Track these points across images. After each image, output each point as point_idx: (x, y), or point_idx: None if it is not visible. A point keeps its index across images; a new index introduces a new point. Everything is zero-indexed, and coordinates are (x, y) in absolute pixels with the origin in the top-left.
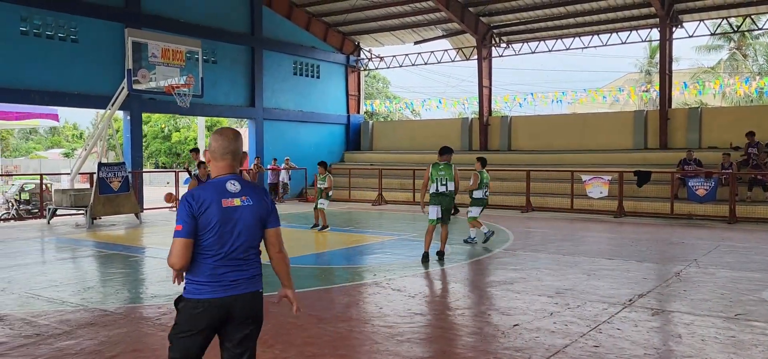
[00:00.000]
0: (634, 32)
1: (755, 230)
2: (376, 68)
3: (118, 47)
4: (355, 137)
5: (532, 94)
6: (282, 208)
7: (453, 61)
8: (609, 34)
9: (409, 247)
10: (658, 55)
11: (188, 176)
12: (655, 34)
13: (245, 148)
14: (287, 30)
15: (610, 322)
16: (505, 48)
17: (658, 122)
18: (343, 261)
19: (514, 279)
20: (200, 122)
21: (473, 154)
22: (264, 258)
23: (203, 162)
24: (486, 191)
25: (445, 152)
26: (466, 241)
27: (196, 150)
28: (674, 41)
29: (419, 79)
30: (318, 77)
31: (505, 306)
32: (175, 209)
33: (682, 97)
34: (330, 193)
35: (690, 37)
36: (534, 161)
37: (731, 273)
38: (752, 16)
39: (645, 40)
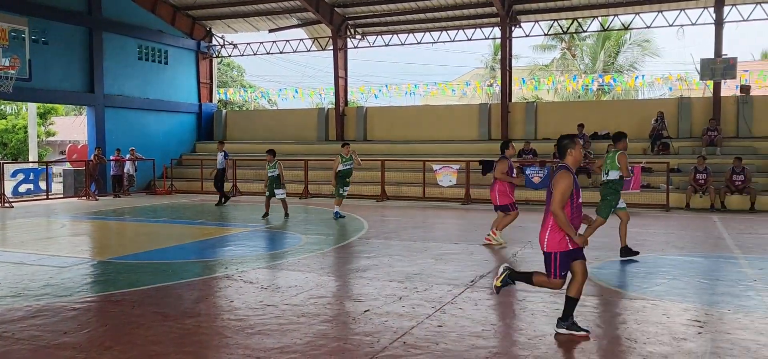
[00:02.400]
0: (478, 30)
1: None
2: (230, 56)
3: None
4: (207, 127)
5: (386, 85)
6: (128, 202)
7: (309, 50)
8: (456, 31)
9: (264, 239)
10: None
11: None
12: (498, 32)
13: (84, 137)
14: (130, 11)
15: (453, 303)
16: (360, 39)
17: (500, 114)
18: (193, 255)
19: (368, 266)
20: (31, 108)
21: (330, 145)
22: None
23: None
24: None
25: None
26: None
27: None
28: (514, 40)
29: (276, 68)
30: (166, 63)
31: (357, 293)
32: None
33: (520, 92)
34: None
35: (527, 36)
36: (389, 151)
37: None
38: (579, 20)
39: (488, 38)
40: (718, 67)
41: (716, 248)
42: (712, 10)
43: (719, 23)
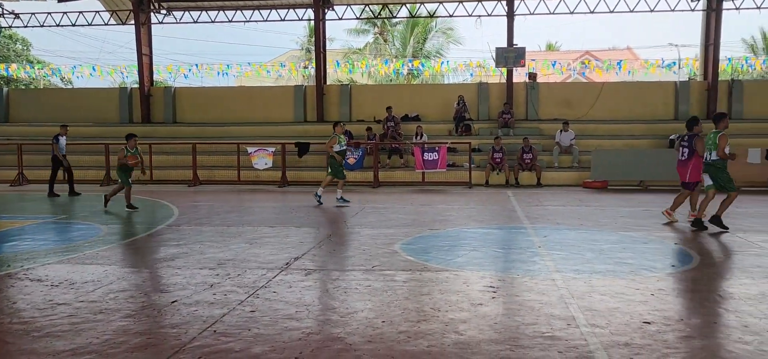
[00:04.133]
0: (292, 10)
1: (393, 193)
2: (11, 27)
3: None
4: None
5: (197, 65)
6: None
7: (107, 24)
8: (269, 10)
9: (56, 231)
10: None
11: None
12: (311, 14)
13: None
14: None
15: (267, 287)
16: (166, 14)
17: (315, 96)
18: None
19: (176, 254)
20: None
21: (134, 127)
22: None
23: None
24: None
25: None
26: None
27: None
28: (328, 23)
29: (69, 43)
30: None
31: (165, 284)
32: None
33: (336, 74)
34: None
35: (340, 19)
36: (200, 134)
37: (372, 230)
38: (389, 6)
39: (302, 19)
40: (510, 56)
41: (509, 220)
42: (504, 3)
43: (510, 15)
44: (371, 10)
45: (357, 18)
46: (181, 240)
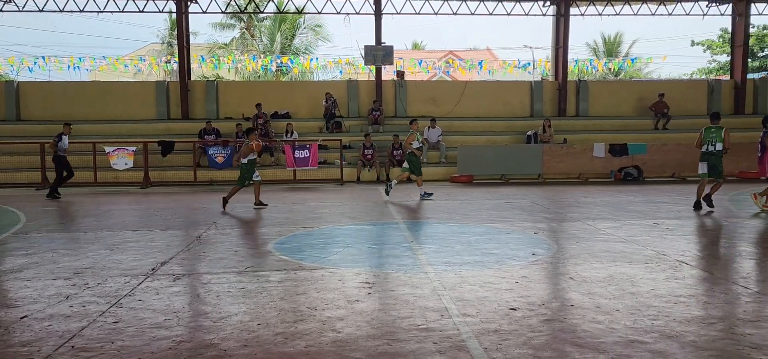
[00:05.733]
0: (151, 2)
1: (265, 191)
2: None
3: None
4: None
5: (44, 58)
6: None
7: None
8: (126, 1)
9: None
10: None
11: None
12: (173, 6)
13: None
14: None
15: (131, 295)
16: (7, 2)
17: (179, 93)
18: None
19: (25, 265)
20: None
21: None
22: None
23: None
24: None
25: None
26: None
27: None
28: (192, 16)
29: None
30: None
31: (12, 298)
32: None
33: (200, 70)
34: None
35: (204, 13)
36: (49, 132)
37: (244, 231)
38: (255, 0)
39: (163, 11)
40: (379, 54)
41: (382, 216)
42: (372, 1)
43: (378, 14)
44: (237, 4)
45: (222, 12)
46: (30, 249)
